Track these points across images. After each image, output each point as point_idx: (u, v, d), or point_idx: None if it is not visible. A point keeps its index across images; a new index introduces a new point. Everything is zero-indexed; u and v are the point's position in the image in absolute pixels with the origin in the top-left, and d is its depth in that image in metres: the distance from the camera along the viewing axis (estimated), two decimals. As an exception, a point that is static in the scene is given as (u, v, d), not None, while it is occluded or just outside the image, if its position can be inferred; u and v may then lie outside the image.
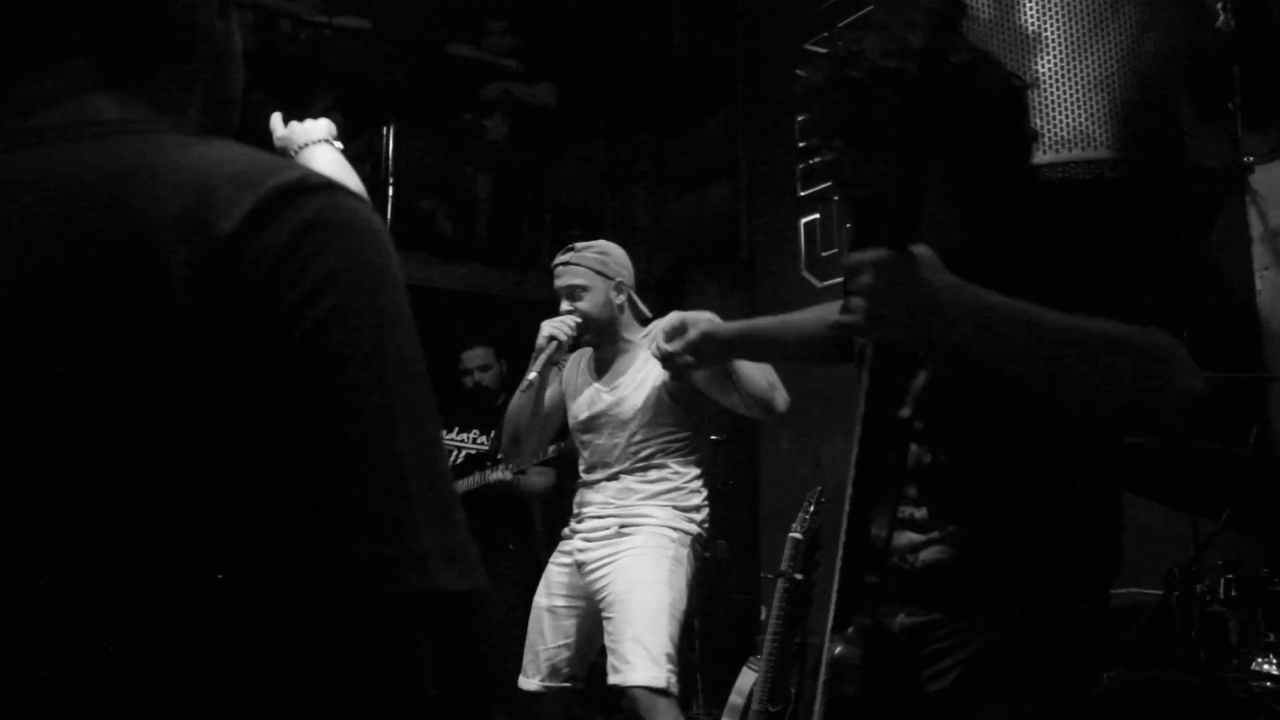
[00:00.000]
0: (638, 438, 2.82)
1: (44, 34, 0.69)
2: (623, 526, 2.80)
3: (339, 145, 1.62)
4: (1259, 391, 2.81)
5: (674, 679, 2.62)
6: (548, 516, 4.40)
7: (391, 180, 5.38)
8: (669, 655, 2.63)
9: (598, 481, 2.90)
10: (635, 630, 2.63)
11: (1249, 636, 2.26)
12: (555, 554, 2.96)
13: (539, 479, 4.10)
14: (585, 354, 3.03)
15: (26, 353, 0.59)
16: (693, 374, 2.58)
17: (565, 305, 2.86)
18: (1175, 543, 2.53)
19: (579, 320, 2.82)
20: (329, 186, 0.66)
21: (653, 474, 2.82)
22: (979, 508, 1.38)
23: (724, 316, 2.01)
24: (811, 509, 3.21)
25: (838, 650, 1.31)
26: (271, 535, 0.58)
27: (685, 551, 2.78)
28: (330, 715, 0.58)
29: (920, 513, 1.40)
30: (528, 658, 2.89)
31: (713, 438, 4.98)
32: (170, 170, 0.62)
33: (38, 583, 0.57)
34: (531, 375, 2.75)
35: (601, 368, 2.96)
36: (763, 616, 3.66)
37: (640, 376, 2.85)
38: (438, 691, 0.59)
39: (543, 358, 2.75)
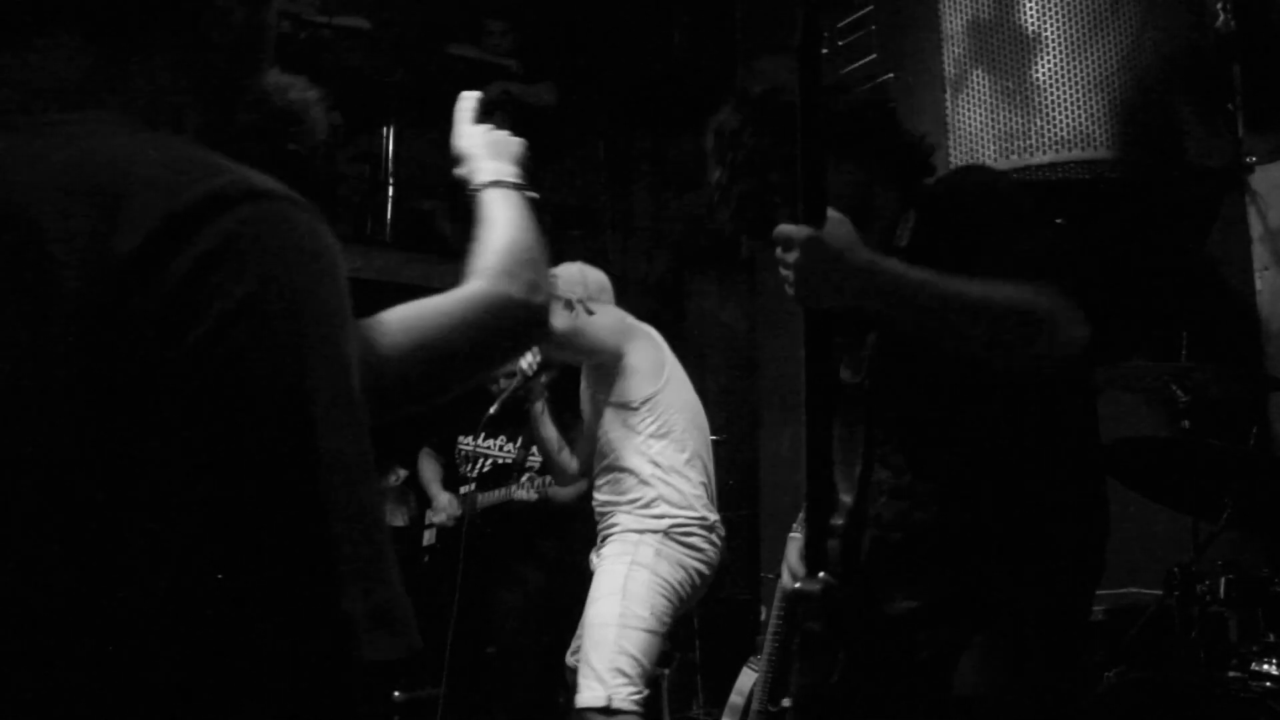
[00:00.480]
0: (593, 428, 2.95)
1: (31, 6, 0.63)
2: (604, 538, 2.87)
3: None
4: (1259, 391, 2.81)
5: (624, 692, 2.53)
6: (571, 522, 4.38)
7: (391, 180, 5.38)
8: (617, 669, 2.54)
9: (592, 490, 3.01)
10: (585, 649, 2.63)
11: (1249, 636, 2.25)
12: None
13: (566, 491, 4.05)
14: None
15: None
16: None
17: None
18: (1175, 543, 2.53)
19: (538, 357, 3.01)
20: (257, 195, 0.58)
21: (611, 474, 2.88)
22: (946, 467, 1.49)
23: (724, 317, 2.02)
24: (811, 509, 3.21)
25: (798, 585, 1.37)
26: (168, 570, 0.52)
27: (648, 551, 2.70)
28: None
29: (904, 479, 1.52)
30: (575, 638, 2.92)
31: (712, 437, 4.99)
32: (86, 178, 0.56)
33: None
34: (491, 412, 3.10)
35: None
36: (763, 616, 3.66)
37: (583, 372, 3.02)
38: None
39: (505, 394, 3.05)
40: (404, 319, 1.04)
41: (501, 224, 1.24)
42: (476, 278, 1.12)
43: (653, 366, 2.87)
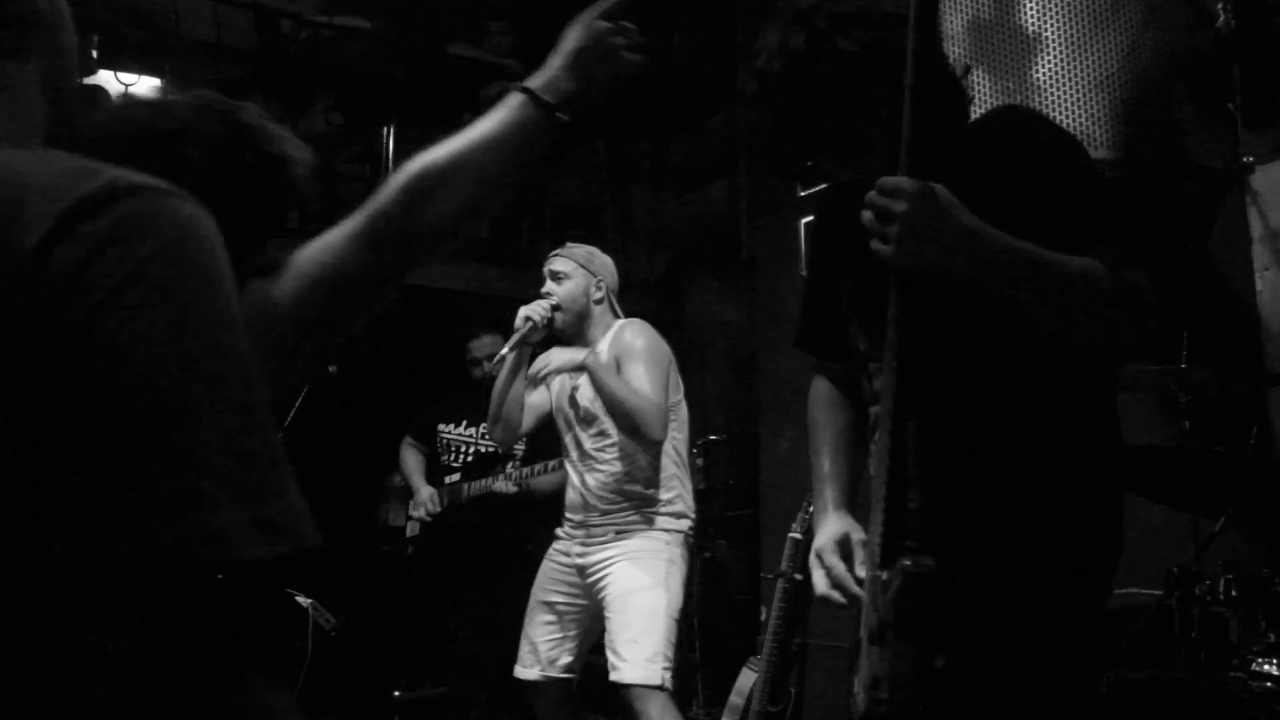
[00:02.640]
0: (601, 433, 2.97)
1: None
2: (619, 532, 2.93)
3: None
4: (1259, 391, 2.81)
5: (669, 676, 2.80)
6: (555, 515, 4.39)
7: (391, 180, 5.37)
8: (664, 654, 2.79)
9: (579, 478, 3.03)
10: (633, 632, 2.79)
11: (1249, 636, 2.25)
12: (552, 551, 3.09)
13: (546, 481, 4.06)
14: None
15: None
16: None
17: (545, 289, 3.03)
18: (1175, 543, 2.53)
19: (553, 303, 2.97)
20: (139, 189, 0.66)
21: (624, 470, 2.93)
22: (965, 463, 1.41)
23: (724, 316, 2.02)
24: (811, 509, 3.21)
25: (908, 562, 1.30)
26: (82, 522, 0.61)
27: (679, 551, 2.94)
28: (140, 680, 0.61)
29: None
30: (524, 648, 3.02)
31: (712, 438, 5.00)
32: None
33: None
34: (503, 351, 2.94)
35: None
36: (763, 616, 3.66)
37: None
38: (235, 650, 0.63)
39: (516, 336, 2.91)
40: (299, 261, 1.11)
41: (466, 134, 1.23)
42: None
43: (676, 373, 3.05)
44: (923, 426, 1.34)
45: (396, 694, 4.38)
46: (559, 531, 3.11)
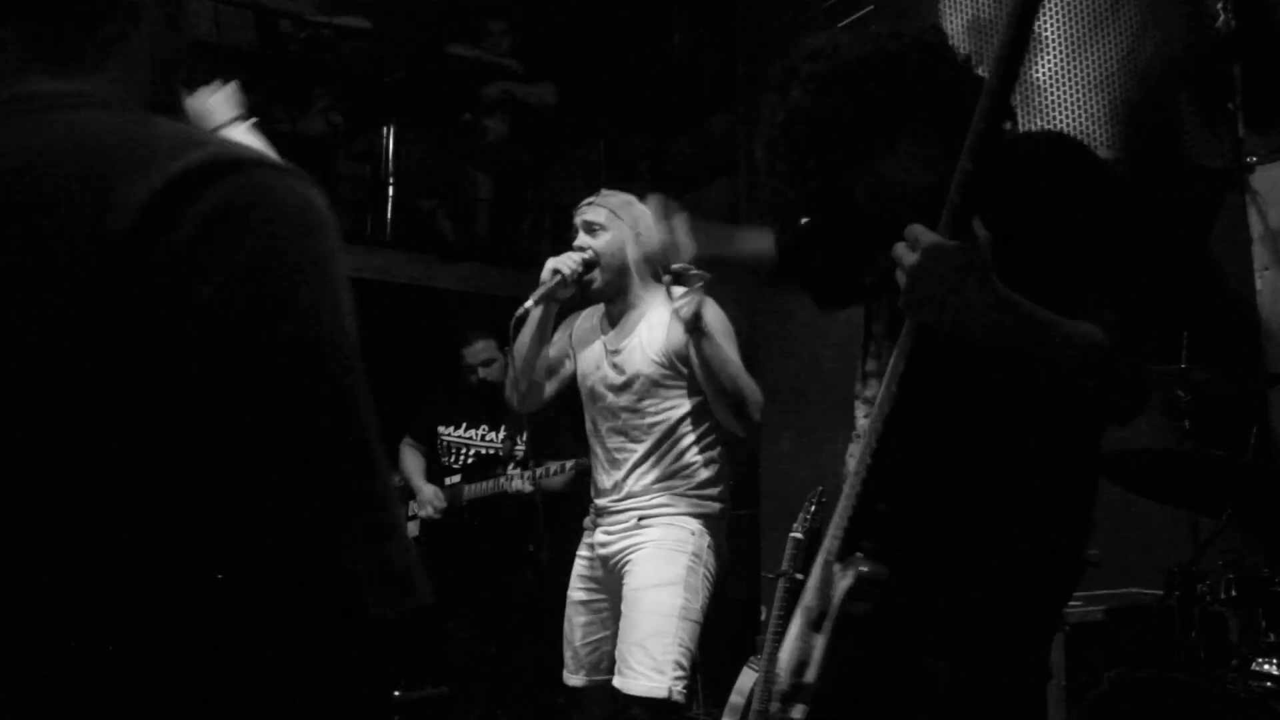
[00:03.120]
0: (642, 403, 2.67)
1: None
2: (641, 519, 2.66)
3: (247, 120, 1.43)
4: (1259, 391, 2.81)
5: (679, 688, 2.51)
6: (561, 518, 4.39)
7: (391, 180, 5.38)
8: (676, 663, 2.51)
9: (610, 458, 2.74)
10: (641, 634, 2.53)
11: (1249, 636, 2.25)
12: (580, 546, 2.84)
13: (553, 484, 4.00)
14: (598, 311, 2.85)
15: None
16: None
17: (578, 241, 2.72)
18: (1175, 543, 2.53)
19: (587, 256, 2.66)
20: (241, 164, 0.58)
21: (663, 446, 2.67)
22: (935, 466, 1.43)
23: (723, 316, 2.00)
24: (812, 509, 3.21)
25: (864, 568, 1.33)
26: (197, 540, 0.54)
27: (704, 542, 2.65)
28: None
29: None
30: (567, 654, 2.77)
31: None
32: (71, 154, 0.56)
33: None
34: (527, 304, 2.63)
35: (611, 325, 2.79)
36: (763, 616, 3.66)
37: (647, 338, 2.69)
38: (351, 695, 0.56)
39: (541, 290, 2.61)
40: None
41: None
42: None
43: None
44: (906, 443, 1.36)
45: (396, 694, 4.38)
46: (585, 522, 2.84)
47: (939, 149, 1.44)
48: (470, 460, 4.34)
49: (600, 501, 2.77)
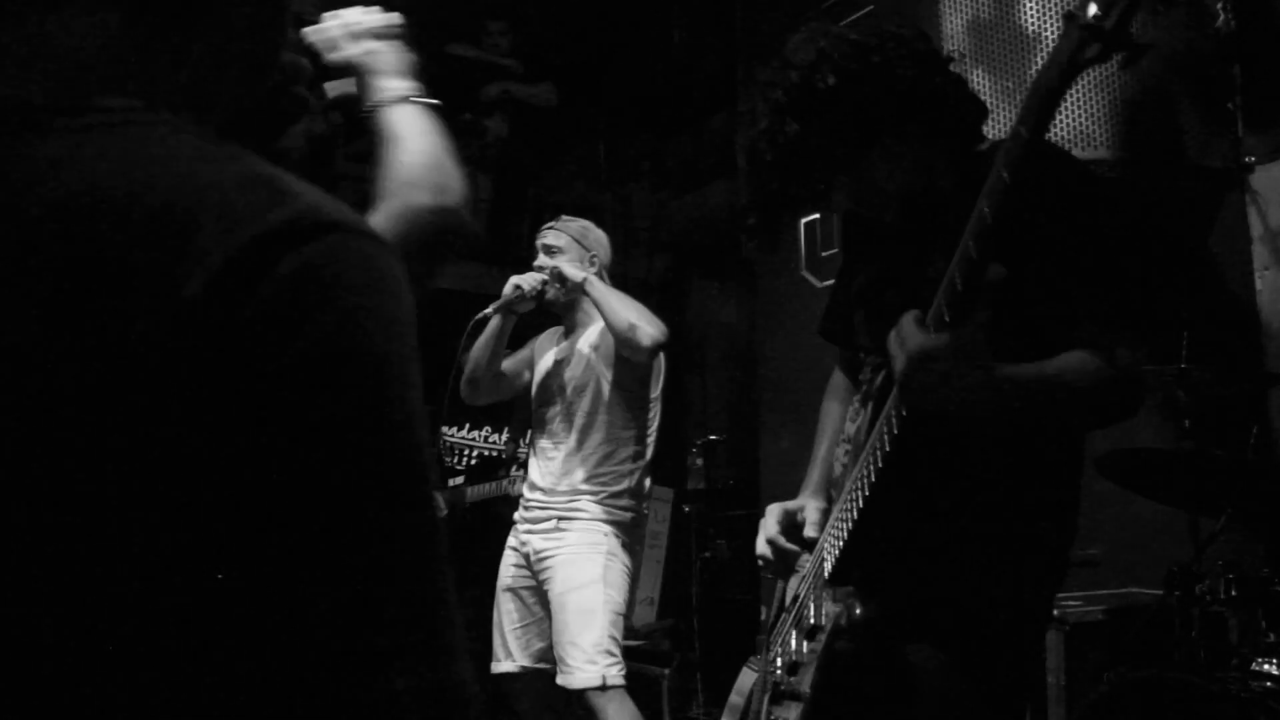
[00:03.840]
0: (576, 402, 2.96)
1: None
2: (560, 520, 2.90)
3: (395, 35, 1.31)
4: (1259, 392, 2.81)
5: (615, 672, 2.75)
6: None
7: (391, 180, 5.37)
8: (606, 650, 2.75)
9: (543, 454, 3.01)
10: (571, 633, 2.76)
11: (1249, 636, 2.25)
12: (510, 537, 3.06)
13: None
14: (558, 330, 3.18)
15: None
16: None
17: (538, 262, 3.07)
18: (1175, 543, 2.52)
19: (545, 276, 2.99)
20: (326, 228, 0.52)
21: (590, 443, 2.92)
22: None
23: (724, 317, 2.02)
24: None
25: (856, 610, 1.39)
26: (215, 634, 0.49)
27: (616, 543, 2.89)
28: None
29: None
30: (496, 641, 2.96)
31: (712, 438, 5.00)
32: (143, 198, 0.51)
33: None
34: (487, 311, 3.00)
35: (565, 338, 3.12)
36: (763, 616, 3.66)
37: (586, 345, 3.00)
38: None
39: (501, 301, 2.97)
40: None
41: (412, 138, 1.18)
42: (387, 197, 1.10)
43: (662, 368, 3.06)
44: (900, 469, 1.39)
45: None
46: (515, 515, 3.09)
47: (922, 149, 1.46)
48: (474, 462, 4.35)
49: (530, 496, 3.03)
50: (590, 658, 2.72)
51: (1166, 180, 2.92)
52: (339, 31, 1.29)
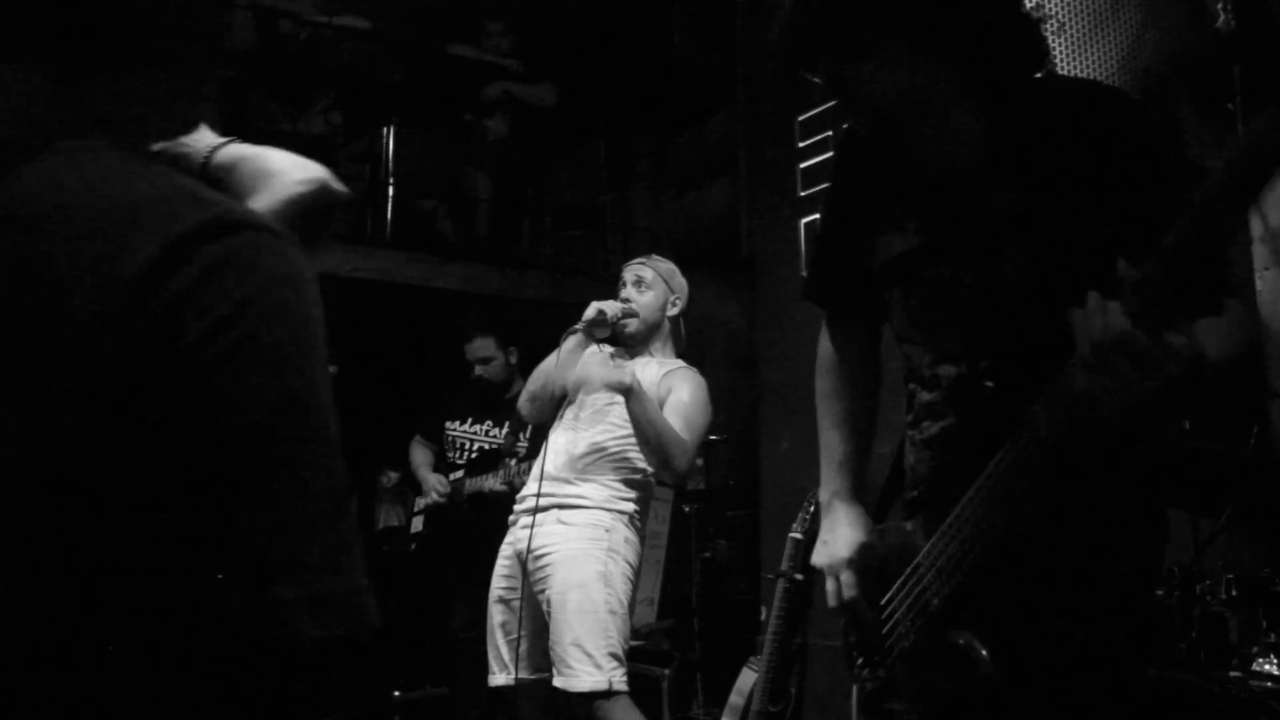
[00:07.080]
0: (596, 398, 2.90)
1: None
2: (562, 510, 2.82)
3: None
4: (1259, 392, 2.81)
5: (619, 674, 2.66)
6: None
7: (391, 180, 5.38)
8: (611, 654, 2.67)
9: (552, 443, 2.93)
10: (575, 634, 2.66)
11: (1249, 636, 2.25)
12: (503, 545, 2.96)
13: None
14: (609, 351, 3.08)
15: None
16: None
17: (624, 293, 3.04)
18: (1175, 543, 2.52)
19: (629, 307, 2.98)
20: (243, 226, 0.65)
21: (600, 430, 2.87)
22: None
23: (724, 316, 2.01)
24: (812, 509, 3.21)
25: (983, 656, 1.31)
26: (143, 566, 0.59)
27: (620, 536, 2.81)
28: None
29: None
30: (490, 654, 2.88)
31: (712, 437, 5.00)
32: (88, 206, 0.63)
33: None
34: (576, 327, 2.91)
35: (614, 358, 3.02)
36: (763, 616, 3.66)
37: (635, 371, 2.86)
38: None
39: (585, 322, 2.91)
40: None
41: (249, 156, 1.23)
42: (260, 191, 1.13)
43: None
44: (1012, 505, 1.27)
45: (396, 694, 4.38)
46: (510, 518, 2.99)
47: (925, 52, 1.31)
48: (474, 455, 4.35)
49: (532, 489, 2.92)
50: (596, 662, 2.64)
51: (1166, 180, 2.91)
52: None
